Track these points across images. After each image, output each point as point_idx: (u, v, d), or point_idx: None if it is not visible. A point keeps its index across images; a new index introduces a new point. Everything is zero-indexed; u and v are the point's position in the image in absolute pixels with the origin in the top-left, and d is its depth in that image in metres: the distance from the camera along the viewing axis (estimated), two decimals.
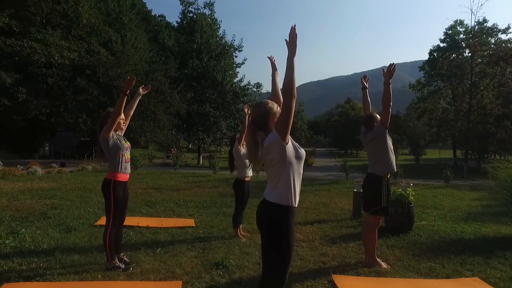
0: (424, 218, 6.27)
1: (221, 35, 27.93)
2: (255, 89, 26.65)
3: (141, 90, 3.66)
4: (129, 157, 3.44)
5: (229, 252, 3.96)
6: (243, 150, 4.58)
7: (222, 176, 13.02)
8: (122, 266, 3.35)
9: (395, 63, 3.42)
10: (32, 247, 3.89)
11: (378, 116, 3.68)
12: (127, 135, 3.65)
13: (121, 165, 3.32)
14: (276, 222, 1.94)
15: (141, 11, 49.85)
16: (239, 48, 26.88)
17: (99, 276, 3.15)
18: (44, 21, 18.91)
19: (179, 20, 29.42)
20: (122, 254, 3.54)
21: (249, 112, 4.23)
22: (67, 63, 19.00)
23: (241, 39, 28.98)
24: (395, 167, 3.63)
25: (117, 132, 3.39)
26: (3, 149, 21.24)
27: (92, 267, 3.36)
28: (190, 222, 5.36)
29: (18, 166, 12.70)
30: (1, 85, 16.48)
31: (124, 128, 3.51)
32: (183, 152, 26.00)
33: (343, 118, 47.59)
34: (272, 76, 2.44)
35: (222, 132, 24.78)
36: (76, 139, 26.41)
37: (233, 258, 3.72)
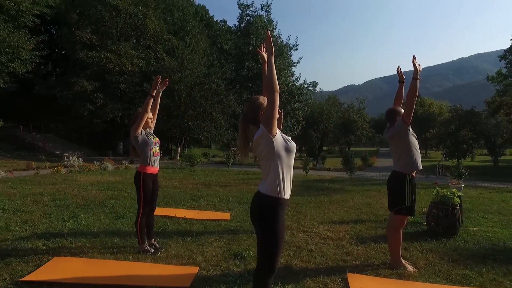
0: (481, 223, 5.63)
1: (277, 35, 28.18)
2: (311, 88, 26.38)
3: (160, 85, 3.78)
4: (157, 151, 3.79)
5: (253, 245, 4.09)
6: None
7: None
8: (152, 250, 3.71)
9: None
10: (85, 230, 4.50)
11: (402, 110, 3.47)
12: (187, 135, 4.00)
13: (150, 159, 3.68)
14: (265, 212, 2.01)
15: (204, 18, 52.65)
16: (294, 47, 26.88)
17: (130, 257, 3.54)
18: (118, 34, 21.25)
19: (237, 23, 30.52)
20: (153, 239, 3.91)
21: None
22: (136, 70, 21.05)
23: (296, 37, 28.96)
24: (419, 164, 3.39)
25: (146, 130, 3.76)
26: (87, 147, 24.41)
27: (127, 250, 3.78)
28: (226, 215, 5.61)
29: (95, 162, 14.49)
30: (84, 92, 19.01)
31: (152, 126, 3.87)
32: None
33: None
34: (262, 68, 2.51)
35: None
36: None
37: (254, 251, 3.85)
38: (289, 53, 27.59)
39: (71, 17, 21.69)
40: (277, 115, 2.00)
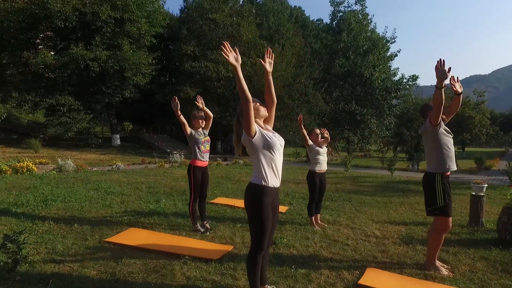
0: None
1: (372, 28, 26.70)
2: (410, 83, 24.06)
3: (200, 105, 4.41)
4: (206, 148, 4.48)
5: (291, 234, 4.40)
6: (314, 145, 4.90)
7: (353, 174, 12.83)
8: (202, 230, 4.40)
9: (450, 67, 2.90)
10: (161, 211, 5.53)
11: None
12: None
13: (199, 154, 4.39)
14: (251, 198, 2.38)
15: (299, 19, 53.20)
16: (391, 40, 24.99)
17: (183, 233, 4.30)
18: (216, 44, 23.64)
19: (329, 21, 30.09)
20: (205, 222, 4.61)
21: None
22: (231, 75, 22.99)
23: (394, 29, 26.74)
24: (449, 165, 3.17)
25: (198, 130, 4.49)
26: None
27: (184, 228, 4.57)
28: (282, 208, 5.98)
29: None
30: (188, 98, 21.86)
31: (203, 125, 4.56)
32: (337, 151, 26.22)
33: None
34: (265, 76, 2.73)
35: (372, 130, 23.74)
36: None
37: (289, 239, 4.17)
38: (386, 46, 25.77)
39: (182, 33, 25.13)
40: (252, 121, 2.26)
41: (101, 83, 21.62)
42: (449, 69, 2.90)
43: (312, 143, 4.93)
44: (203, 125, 4.57)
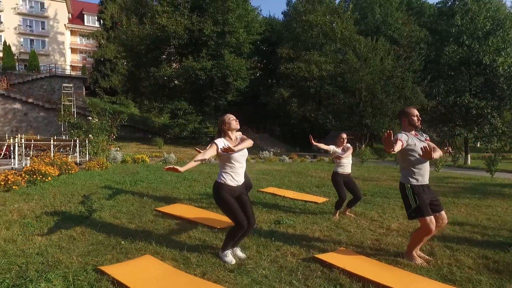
0: None
1: (498, 3, 22.49)
2: None
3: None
4: None
5: (303, 218, 4.87)
6: (338, 150, 5.18)
7: (445, 175, 11.55)
8: None
9: None
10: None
11: (410, 112, 3.30)
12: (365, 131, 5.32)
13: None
14: (214, 192, 3.22)
15: (414, 5, 48.10)
16: None
17: (214, 211, 5.29)
18: (309, 45, 24.18)
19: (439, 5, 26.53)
20: None
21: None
22: (324, 74, 23.16)
23: None
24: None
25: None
26: (289, 144, 29.10)
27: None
28: (319, 199, 6.37)
29: (283, 156, 17.64)
30: (281, 98, 23.15)
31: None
32: (459, 151, 23.02)
33: None
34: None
35: (493, 126, 20.12)
36: None
37: (295, 221, 4.69)
38: None
39: (279, 38, 26.67)
40: (212, 154, 3.05)
41: (208, 89, 24.94)
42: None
43: (335, 148, 5.22)
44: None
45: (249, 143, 3.30)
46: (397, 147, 3.08)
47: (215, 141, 3.14)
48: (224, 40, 22.89)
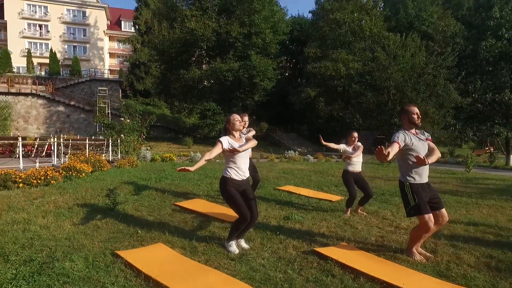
0: None
1: None
2: None
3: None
4: None
5: (313, 215, 5.01)
6: (349, 149, 5.25)
7: (476, 175, 11.02)
8: None
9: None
10: None
11: (410, 110, 3.34)
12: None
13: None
14: (220, 185, 3.49)
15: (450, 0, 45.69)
16: None
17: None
18: (337, 43, 23.85)
19: None
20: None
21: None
22: (351, 73, 22.75)
23: None
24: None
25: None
26: (316, 143, 28.86)
27: None
28: (333, 197, 6.44)
29: (307, 155, 17.65)
30: (308, 97, 23.06)
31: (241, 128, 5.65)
32: (501, 151, 21.57)
33: None
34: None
35: None
36: (373, 136, 30.02)
37: (304, 217, 4.83)
38: None
39: (308, 37, 26.55)
40: (217, 152, 3.34)
41: (236, 90, 25.43)
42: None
43: (346, 147, 5.29)
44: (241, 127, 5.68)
45: (253, 143, 3.54)
46: (394, 150, 3.15)
47: (220, 139, 3.40)
48: (251, 41, 23.24)
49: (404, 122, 3.41)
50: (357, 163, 5.22)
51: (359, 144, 5.27)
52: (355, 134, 5.34)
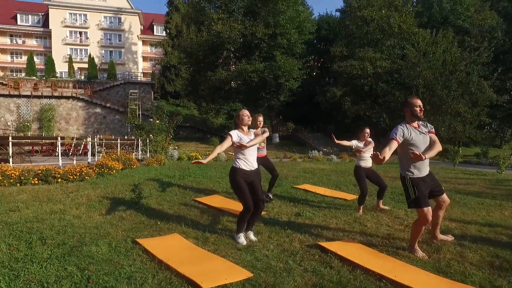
0: None
1: None
2: None
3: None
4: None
5: (325, 213, 5.15)
6: (360, 145, 5.36)
7: (502, 177, 10.52)
8: (267, 200, 5.77)
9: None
10: None
11: (413, 102, 3.40)
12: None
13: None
14: (230, 176, 3.75)
15: None
16: None
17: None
18: (364, 41, 23.39)
19: None
20: (269, 194, 5.96)
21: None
22: (379, 71, 22.25)
23: None
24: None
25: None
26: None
27: None
28: (349, 196, 6.50)
29: (332, 155, 17.56)
30: (334, 97, 22.84)
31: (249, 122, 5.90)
32: None
33: None
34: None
35: None
36: None
37: (315, 214, 4.99)
38: None
39: (335, 35, 26.28)
40: (227, 146, 3.60)
41: (262, 90, 25.72)
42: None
43: (357, 143, 5.40)
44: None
45: (260, 138, 3.80)
46: (392, 149, 3.25)
47: (230, 133, 3.66)
48: (276, 42, 23.43)
49: (407, 114, 3.45)
50: (368, 158, 5.31)
51: (370, 139, 5.38)
52: (367, 130, 5.45)
